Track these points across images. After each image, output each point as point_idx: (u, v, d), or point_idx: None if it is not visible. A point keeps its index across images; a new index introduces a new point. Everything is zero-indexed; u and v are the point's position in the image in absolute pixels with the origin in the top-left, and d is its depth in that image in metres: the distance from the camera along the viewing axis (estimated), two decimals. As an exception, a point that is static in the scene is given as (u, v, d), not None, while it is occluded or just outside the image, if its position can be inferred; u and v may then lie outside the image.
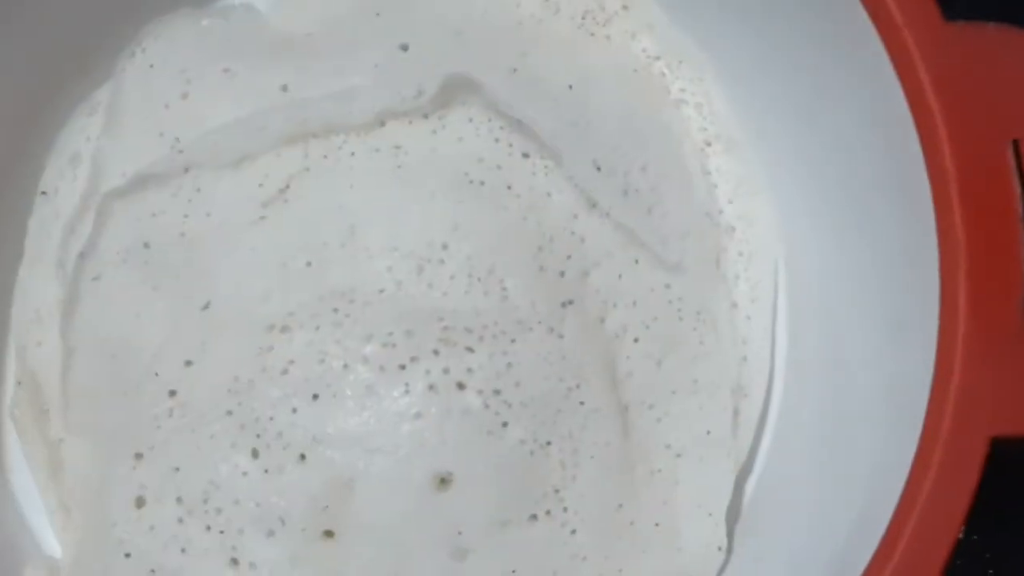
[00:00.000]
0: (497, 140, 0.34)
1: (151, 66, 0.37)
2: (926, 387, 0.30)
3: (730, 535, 0.37)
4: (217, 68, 0.36)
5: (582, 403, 0.34)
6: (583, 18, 0.41)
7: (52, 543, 0.38)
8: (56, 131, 0.39)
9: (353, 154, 0.34)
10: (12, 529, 0.38)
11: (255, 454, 0.33)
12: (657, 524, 0.35)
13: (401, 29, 0.37)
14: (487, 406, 0.32)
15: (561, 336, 0.33)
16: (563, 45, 0.39)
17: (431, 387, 0.32)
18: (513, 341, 0.33)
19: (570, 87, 0.37)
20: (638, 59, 0.40)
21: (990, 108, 0.28)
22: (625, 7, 0.41)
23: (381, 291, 0.33)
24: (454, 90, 0.34)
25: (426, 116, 0.34)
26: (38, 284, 0.38)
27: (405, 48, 0.36)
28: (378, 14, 0.37)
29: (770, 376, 0.39)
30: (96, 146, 0.37)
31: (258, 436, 0.33)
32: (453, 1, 0.38)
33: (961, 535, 0.28)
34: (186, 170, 0.34)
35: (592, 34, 0.40)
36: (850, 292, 0.36)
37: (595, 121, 0.37)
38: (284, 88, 0.35)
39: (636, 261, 0.35)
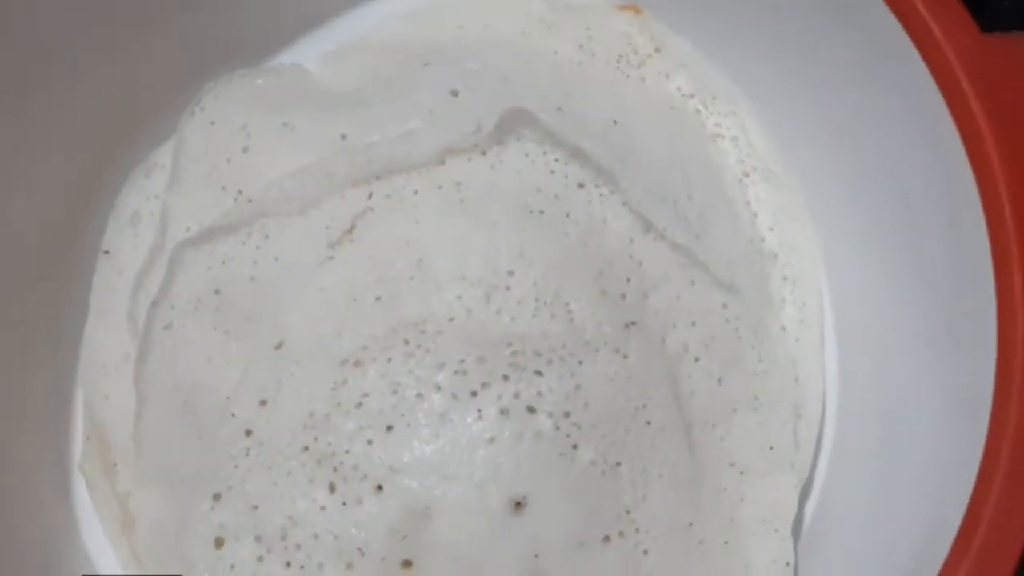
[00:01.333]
0: (553, 172, 0.35)
1: (212, 123, 0.38)
2: (986, 392, 0.30)
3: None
4: (276, 122, 0.38)
5: (648, 423, 0.34)
6: (618, 62, 0.42)
7: (125, 597, 0.38)
8: (115, 193, 0.41)
9: (416, 192, 0.35)
10: (86, 583, 0.38)
11: (332, 488, 0.33)
12: (726, 542, 0.36)
13: (449, 78, 0.39)
14: (558, 428, 0.33)
15: (626, 356, 0.34)
16: (602, 86, 0.41)
17: (503, 412, 0.33)
18: (580, 363, 0.34)
19: (614, 122, 0.38)
20: (673, 98, 0.42)
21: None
22: (657, 49, 0.43)
23: (451, 320, 0.33)
24: (509, 126, 0.36)
25: (484, 152, 0.35)
26: (104, 338, 0.39)
27: (455, 94, 0.38)
28: (426, 64, 0.39)
29: (823, 397, 0.39)
30: (162, 202, 0.38)
31: (335, 470, 0.33)
32: (496, 52, 0.40)
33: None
34: (255, 219, 0.35)
35: (627, 76, 0.42)
36: (897, 310, 0.37)
37: (641, 153, 0.38)
38: (343, 137, 0.37)
39: (692, 282, 0.36)
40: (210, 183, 0.38)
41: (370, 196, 0.35)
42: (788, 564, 0.36)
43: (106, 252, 0.40)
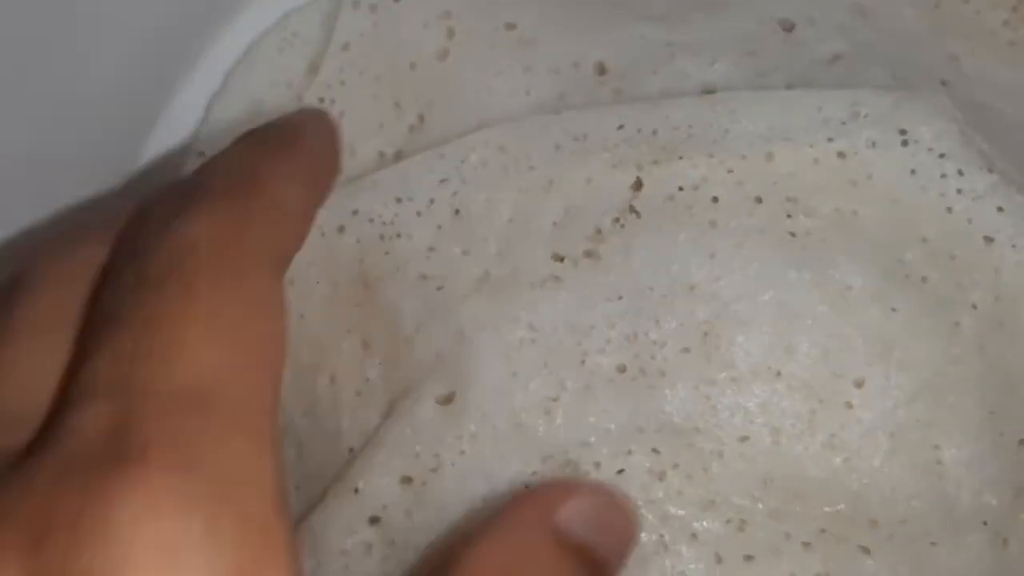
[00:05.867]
0: (949, 210, 0.21)
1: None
2: None
3: None
4: (495, 20, 0.24)
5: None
6: (1014, 9, 0.27)
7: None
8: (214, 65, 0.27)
9: (716, 199, 0.21)
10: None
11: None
12: None
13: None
14: (873, 643, 0.20)
15: (1006, 544, 0.21)
16: (999, 50, 0.26)
17: (792, 600, 0.20)
18: (933, 545, 0.20)
19: (1031, 126, 0.24)
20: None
21: None
22: (1083, 2, 0.27)
23: (743, 439, 0.20)
24: (881, 109, 0.21)
25: (842, 154, 0.21)
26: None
27: (789, 28, 0.24)
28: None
29: None
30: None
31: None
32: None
33: None
34: (442, 180, 0.22)
35: (1013, 43, 0.27)
36: None
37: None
38: (601, 70, 0.23)
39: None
40: (377, 93, 0.25)
41: (639, 188, 0.21)
42: None
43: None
